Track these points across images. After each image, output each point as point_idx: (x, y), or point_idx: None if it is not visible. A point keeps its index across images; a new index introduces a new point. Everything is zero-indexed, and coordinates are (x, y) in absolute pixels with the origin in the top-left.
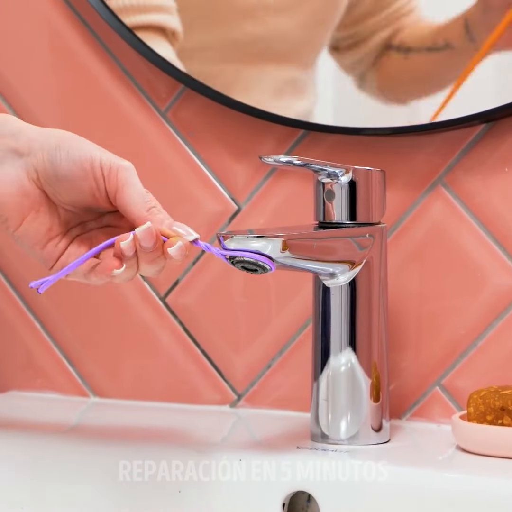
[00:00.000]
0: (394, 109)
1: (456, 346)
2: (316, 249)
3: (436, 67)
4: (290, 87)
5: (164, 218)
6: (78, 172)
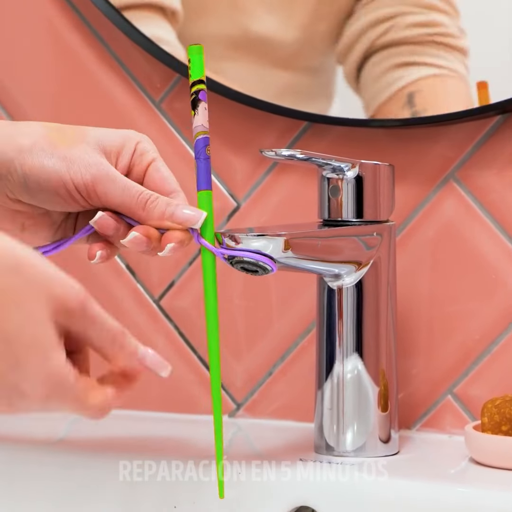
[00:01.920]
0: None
1: (469, 352)
2: (320, 248)
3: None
4: (292, 92)
5: (162, 211)
6: (55, 197)
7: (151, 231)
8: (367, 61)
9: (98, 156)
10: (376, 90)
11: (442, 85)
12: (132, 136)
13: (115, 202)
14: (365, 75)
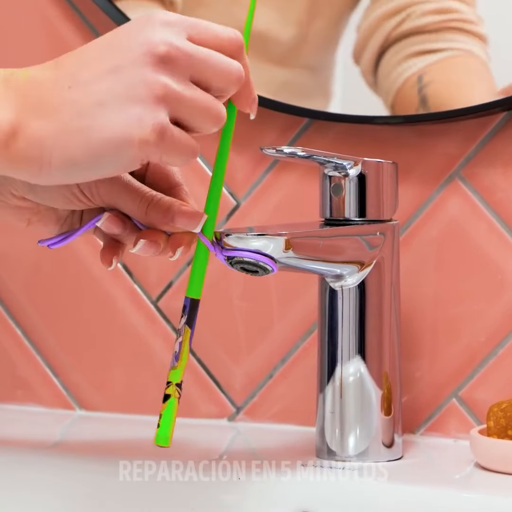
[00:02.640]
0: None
1: (474, 354)
2: (322, 248)
3: None
4: (288, 90)
5: (163, 216)
6: (60, 197)
7: (158, 235)
8: (383, 55)
9: None
10: (391, 80)
11: (455, 63)
12: None
13: (119, 203)
14: (382, 69)
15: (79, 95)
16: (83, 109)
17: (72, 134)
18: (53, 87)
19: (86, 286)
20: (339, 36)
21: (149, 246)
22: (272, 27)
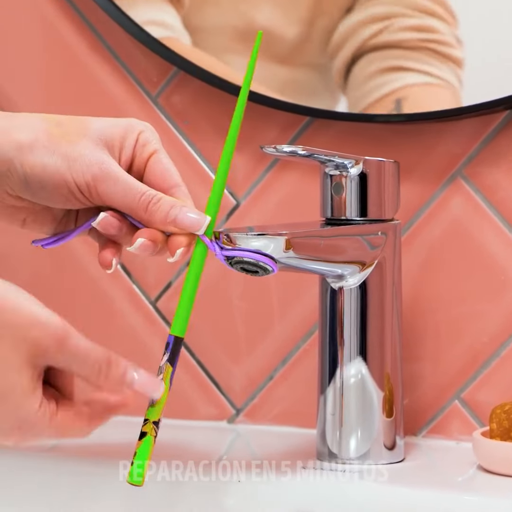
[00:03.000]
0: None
1: (477, 356)
2: (323, 248)
3: None
4: (293, 88)
5: (164, 215)
6: (57, 195)
7: (156, 235)
8: (358, 61)
9: (100, 153)
10: (364, 92)
11: (431, 94)
12: (134, 126)
13: (117, 202)
14: (354, 75)
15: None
16: None
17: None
18: None
19: (84, 286)
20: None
21: (147, 246)
22: (276, 25)
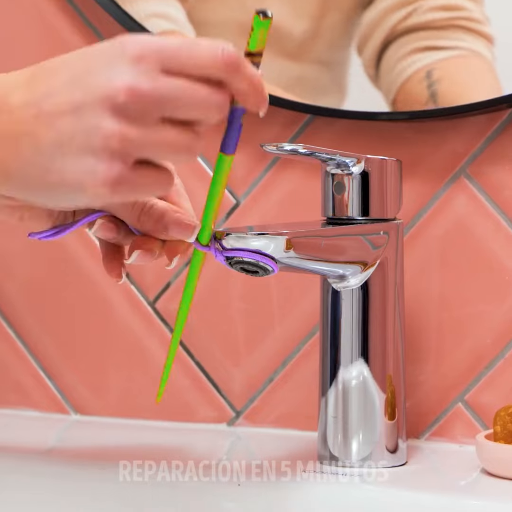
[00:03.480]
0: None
1: (481, 357)
2: (324, 248)
3: None
4: (301, 86)
5: (155, 224)
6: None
7: (152, 243)
8: (388, 48)
9: None
10: (396, 74)
11: (463, 64)
12: None
13: (112, 208)
14: (385, 62)
15: (41, 129)
16: (43, 146)
17: (31, 169)
18: (20, 113)
19: (81, 287)
20: (353, 31)
21: (144, 255)
22: (284, 20)
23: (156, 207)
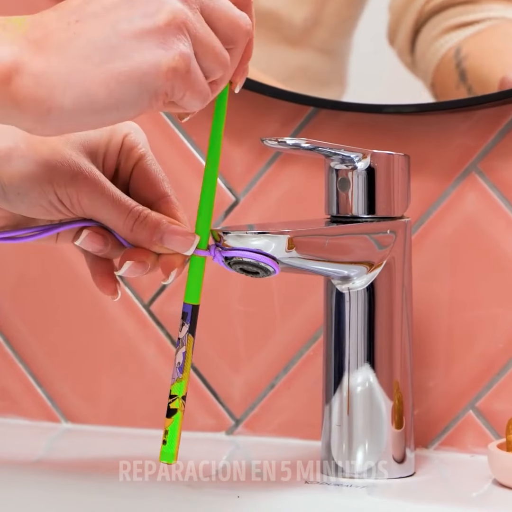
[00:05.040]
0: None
1: (493, 362)
2: (328, 248)
3: None
4: (303, 76)
5: (150, 235)
6: (37, 208)
7: (145, 255)
8: (420, 32)
9: (84, 162)
10: (430, 57)
11: (493, 34)
12: (119, 128)
13: (102, 217)
14: (419, 47)
15: (90, 27)
16: (98, 41)
17: (88, 70)
18: (57, 24)
19: (73, 289)
20: (356, 18)
21: (136, 267)
22: (284, 7)
23: (150, 216)
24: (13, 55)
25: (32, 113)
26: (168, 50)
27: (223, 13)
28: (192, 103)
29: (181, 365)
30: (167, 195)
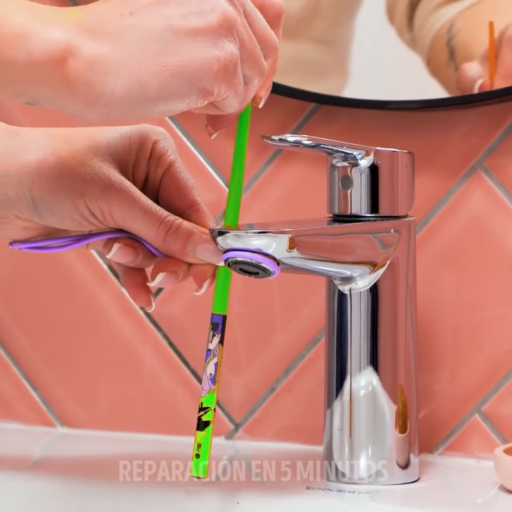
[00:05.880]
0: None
1: (499, 365)
2: (330, 247)
3: None
4: (301, 67)
5: (182, 246)
6: (69, 220)
7: (177, 265)
8: (417, 7)
9: (114, 173)
10: (425, 33)
11: (487, 9)
12: (147, 136)
13: (134, 228)
14: (416, 23)
15: (145, 19)
16: (152, 33)
17: (142, 60)
18: (111, 14)
19: (69, 290)
20: (355, 6)
21: (168, 278)
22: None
23: (182, 227)
24: (67, 38)
25: (83, 96)
26: (220, 50)
27: (262, 26)
28: (233, 104)
29: (213, 376)
30: (197, 203)
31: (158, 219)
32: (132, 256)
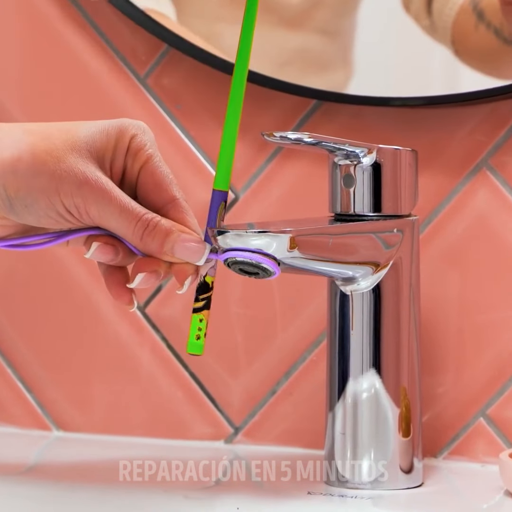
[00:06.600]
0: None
1: (504, 367)
2: (332, 247)
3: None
4: (302, 59)
5: (160, 245)
6: (45, 218)
7: (157, 264)
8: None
9: (90, 169)
10: (447, 12)
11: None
12: (125, 130)
13: (111, 226)
14: (435, 6)
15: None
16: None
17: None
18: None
19: (64, 291)
20: None
21: (149, 278)
22: None
23: (160, 225)
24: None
25: None
26: None
27: None
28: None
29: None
30: (176, 198)
31: (135, 217)
32: (112, 254)
